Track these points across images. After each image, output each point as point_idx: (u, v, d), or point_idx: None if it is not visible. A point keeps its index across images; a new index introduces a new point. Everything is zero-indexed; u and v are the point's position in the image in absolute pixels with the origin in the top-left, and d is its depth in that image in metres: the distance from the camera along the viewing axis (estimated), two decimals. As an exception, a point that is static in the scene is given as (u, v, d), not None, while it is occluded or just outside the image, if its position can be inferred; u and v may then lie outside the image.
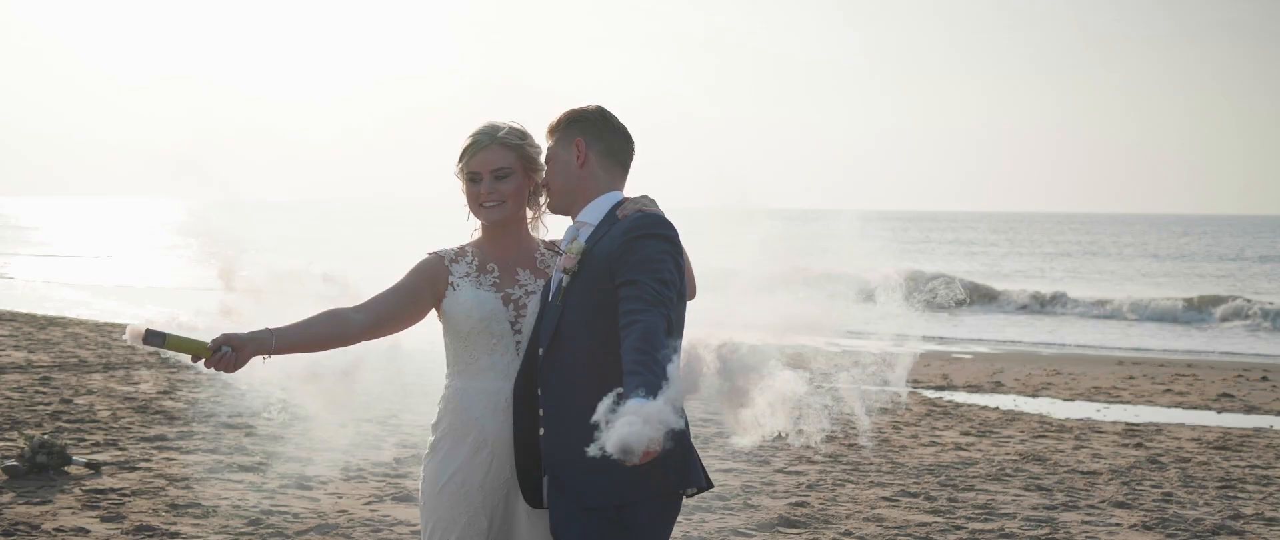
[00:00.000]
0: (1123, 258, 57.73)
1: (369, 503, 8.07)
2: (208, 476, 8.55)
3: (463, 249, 3.98)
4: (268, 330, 3.78)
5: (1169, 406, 14.21)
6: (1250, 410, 14.01)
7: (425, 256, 3.97)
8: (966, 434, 11.71)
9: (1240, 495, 9.31)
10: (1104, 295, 30.65)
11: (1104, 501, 8.93)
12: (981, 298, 29.70)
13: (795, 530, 7.83)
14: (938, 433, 11.71)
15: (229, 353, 3.75)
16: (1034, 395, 14.83)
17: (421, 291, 3.91)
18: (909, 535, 7.81)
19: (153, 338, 3.76)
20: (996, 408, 13.64)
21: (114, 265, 42.82)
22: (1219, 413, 13.84)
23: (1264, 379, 16.51)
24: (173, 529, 7.21)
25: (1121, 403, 14.37)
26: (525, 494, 3.78)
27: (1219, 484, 9.67)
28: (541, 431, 3.70)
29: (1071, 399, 14.58)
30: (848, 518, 8.18)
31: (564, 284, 3.63)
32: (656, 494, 3.56)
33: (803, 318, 4.01)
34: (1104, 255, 59.60)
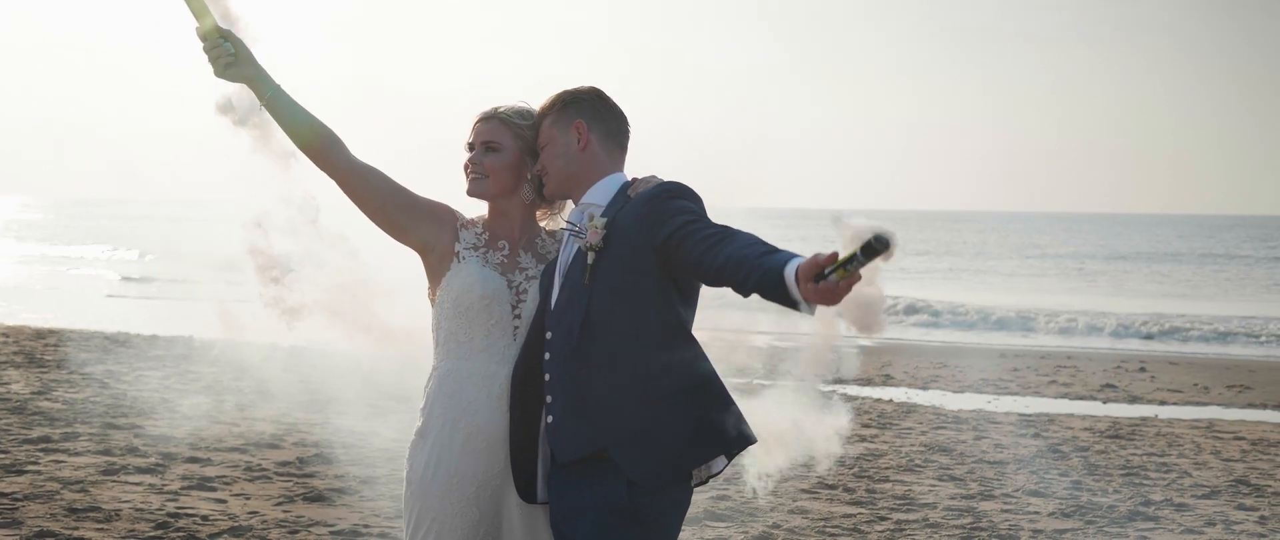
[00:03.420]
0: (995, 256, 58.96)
1: (280, 503, 7.73)
2: (103, 479, 8.13)
3: (474, 220, 3.81)
4: (273, 80, 3.71)
5: (1056, 397, 14.45)
6: (1134, 400, 14.31)
7: (446, 204, 3.81)
8: (868, 426, 11.73)
9: (1146, 482, 9.44)
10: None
11: (1018, 490, 8.98)
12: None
13: (723, 524, 7.71)
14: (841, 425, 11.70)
15: (229, 50, 3.64)
16: (924, 388, 14.94)
17: (420, 218, 3.74)
18: (837, 526, 7.75)
19: None
20: (891, 400, 13.71)
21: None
22: (1104, 403, 14.11)
23: (1142, 370, 16.91)
24: (76, 534, 6.81)
25: (1011, 394, 14.56)
26: (519, 488, 3.58)
27: (1123, 472, 9.80)
28: (548, 420, 3.50)
29: (961, 391, 14.72)
30: (772, 510, 8.08)
31: (590, 262, 3.44)
32: (673, 479, 3.42)
33: None
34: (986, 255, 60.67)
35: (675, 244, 3.29)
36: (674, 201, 3.37)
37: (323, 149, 3.70)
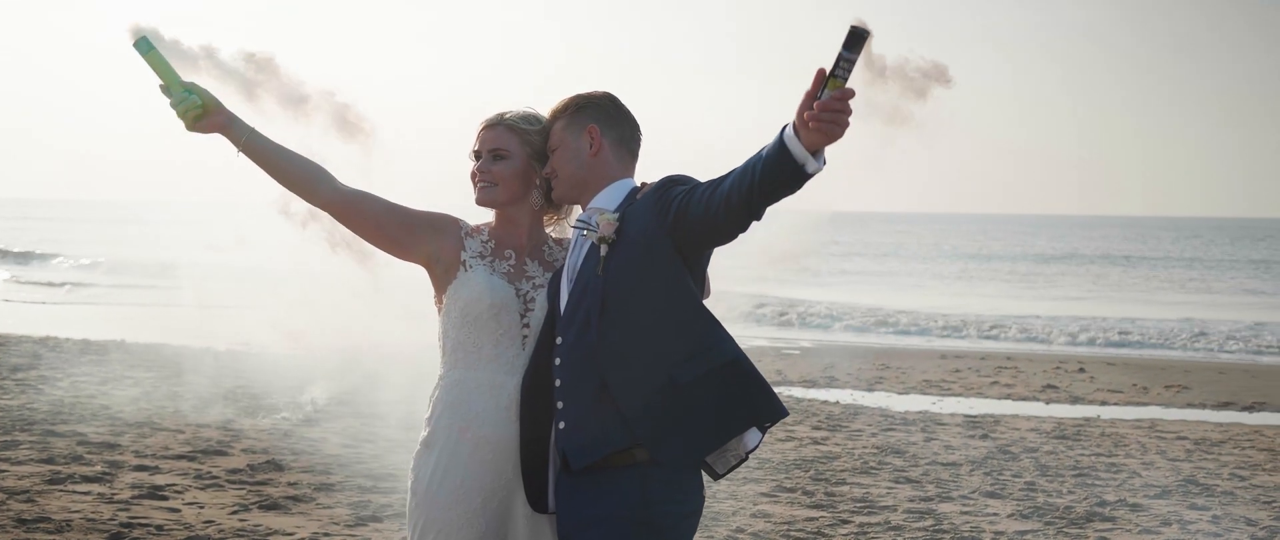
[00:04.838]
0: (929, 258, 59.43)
1: (235, 512, 7.56)
2: (49, 488, 7.91)
3: (479, 227, 3.73)
4: (246, 124, 3.65)
5: (999, 398, 14.55)
6: (1075, 401, 14.44)
7: (447, 214, 3.72)
8: (818, 428, 11.74)
9: (1098, 483, 9.51)
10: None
11: (975, 492, 9.01)
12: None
13: (686, 529, 7.65)
14: (790, 428, 11.70)
15: (195, 102, 3.57)
16: (869, 389, 14.99)
17: (421, 232, 3.66)
18: (801, 530, 7.72)
19: (143, 44, 3.60)
20: (837, 402, 13.73)
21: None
22: (1047, 403, 14.23)
23: (1081, 371, 17.08)
24: (27, 546, 6.62)
25: (954, 395, 14.65)
26: (529, 497, 3.51)
27: (1074, 473, 9.87)
28: (560, 426, 3.43)
29: (906, 392, 14.78)
30: (734, 514, 8.04)
31: (603, 254, 3.40)
32: (686, 497, 3.38)
33: None
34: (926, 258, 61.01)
35: (683, 212, 3.28)
36: (675, 188, 3.38)
37: (310, 184, 3.63)
